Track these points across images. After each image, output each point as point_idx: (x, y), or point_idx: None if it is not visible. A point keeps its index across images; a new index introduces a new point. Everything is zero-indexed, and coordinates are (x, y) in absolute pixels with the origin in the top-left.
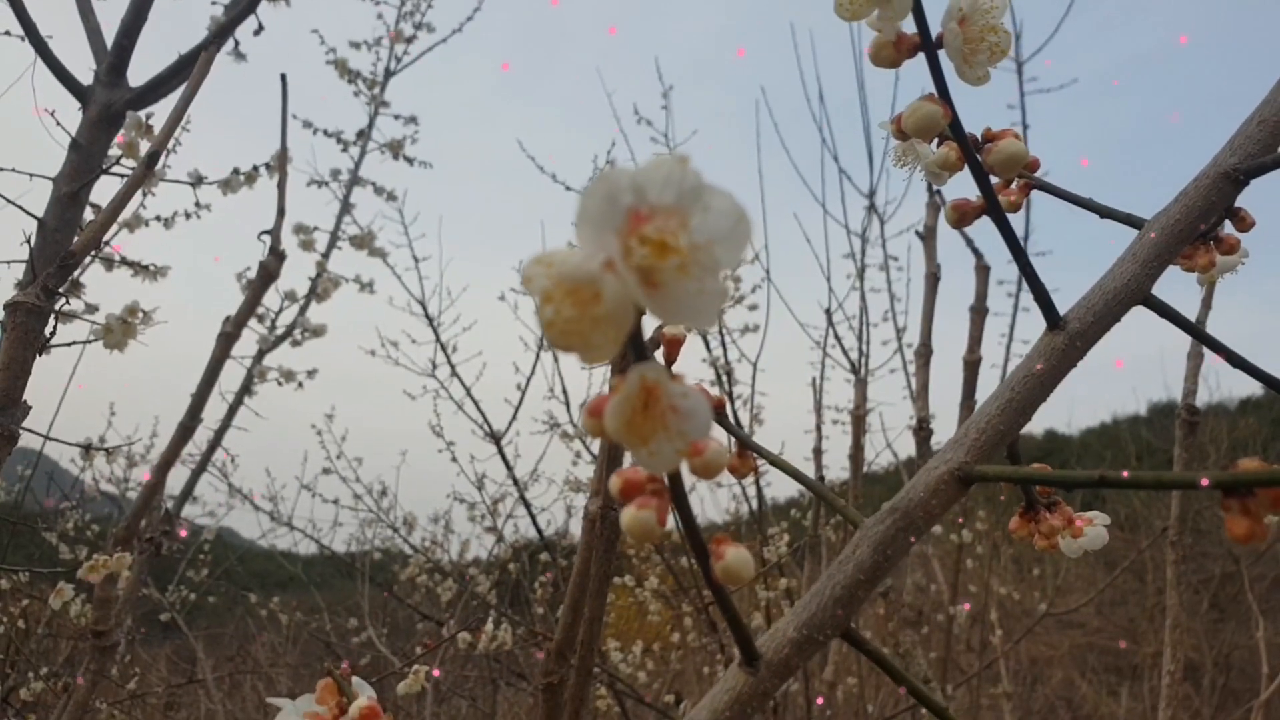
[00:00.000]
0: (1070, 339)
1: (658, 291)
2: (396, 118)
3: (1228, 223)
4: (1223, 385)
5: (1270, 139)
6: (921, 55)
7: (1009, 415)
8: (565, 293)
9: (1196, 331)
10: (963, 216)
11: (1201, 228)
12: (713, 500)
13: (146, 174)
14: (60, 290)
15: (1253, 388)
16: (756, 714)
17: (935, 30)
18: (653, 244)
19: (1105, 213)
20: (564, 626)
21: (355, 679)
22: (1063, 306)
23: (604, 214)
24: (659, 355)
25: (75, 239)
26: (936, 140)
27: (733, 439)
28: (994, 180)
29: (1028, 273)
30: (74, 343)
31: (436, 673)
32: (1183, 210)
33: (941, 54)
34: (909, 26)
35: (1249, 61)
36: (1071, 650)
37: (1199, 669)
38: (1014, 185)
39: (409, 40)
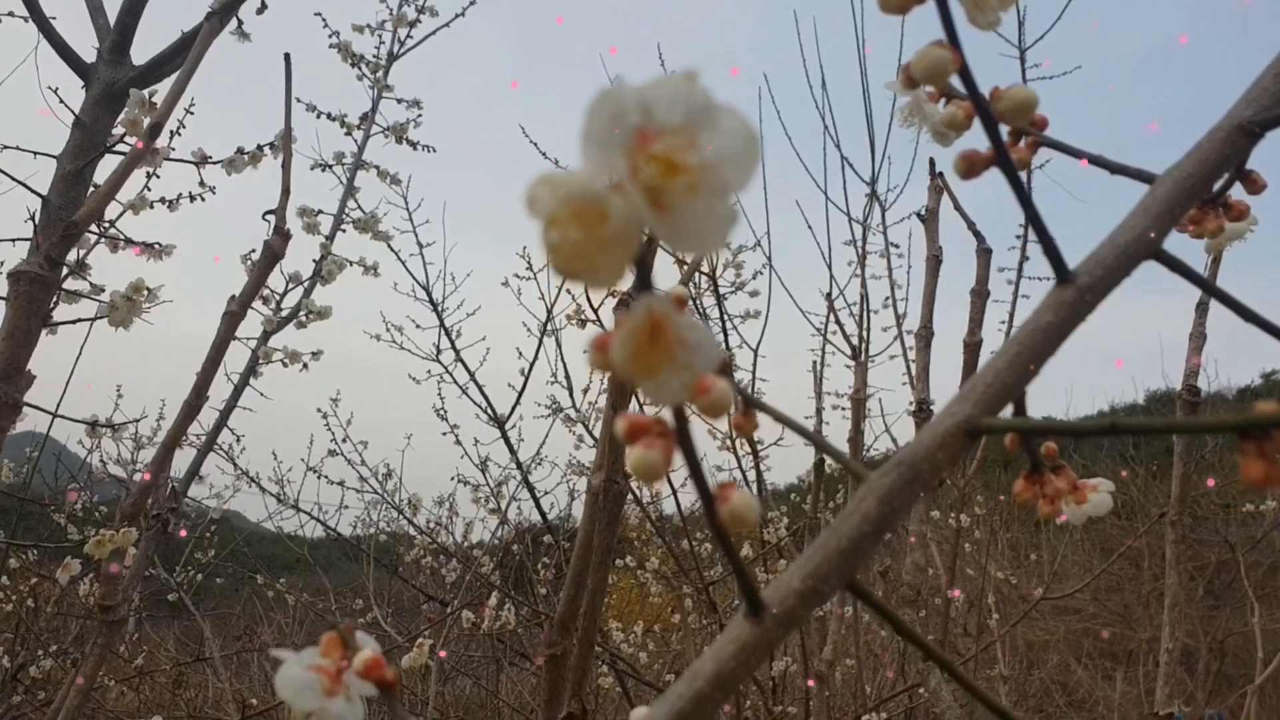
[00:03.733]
0: (1079, 292)
1: (666, 213)
2: (400, 101)
3: (1238, 187)
4: (1221, 375)
5: None
6: (930, 3)
7: (1016, 369)
8: (571, 214)
9: (1206, 285)
10: (971, 166)
11: (1214, 187)
12: (714, 482)
13: (149, 146)
14: (63, 261)
15: (1251, 375)
16: (760, 665)
17: None
18: (661, 162)
19: (1115, 169)
20: (567, 599)
21: (359, 634)
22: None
23: (609, 132)
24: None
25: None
26: (943, 100)
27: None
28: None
29: (1037, 225)
30: (79, 320)
31: (443, 654)
32: (1195, 164)
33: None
34: None
35: (1259, 50)
36: (1067, 635)
37: (1194, 655)
38: (1022, 143)
39: (412, 24)
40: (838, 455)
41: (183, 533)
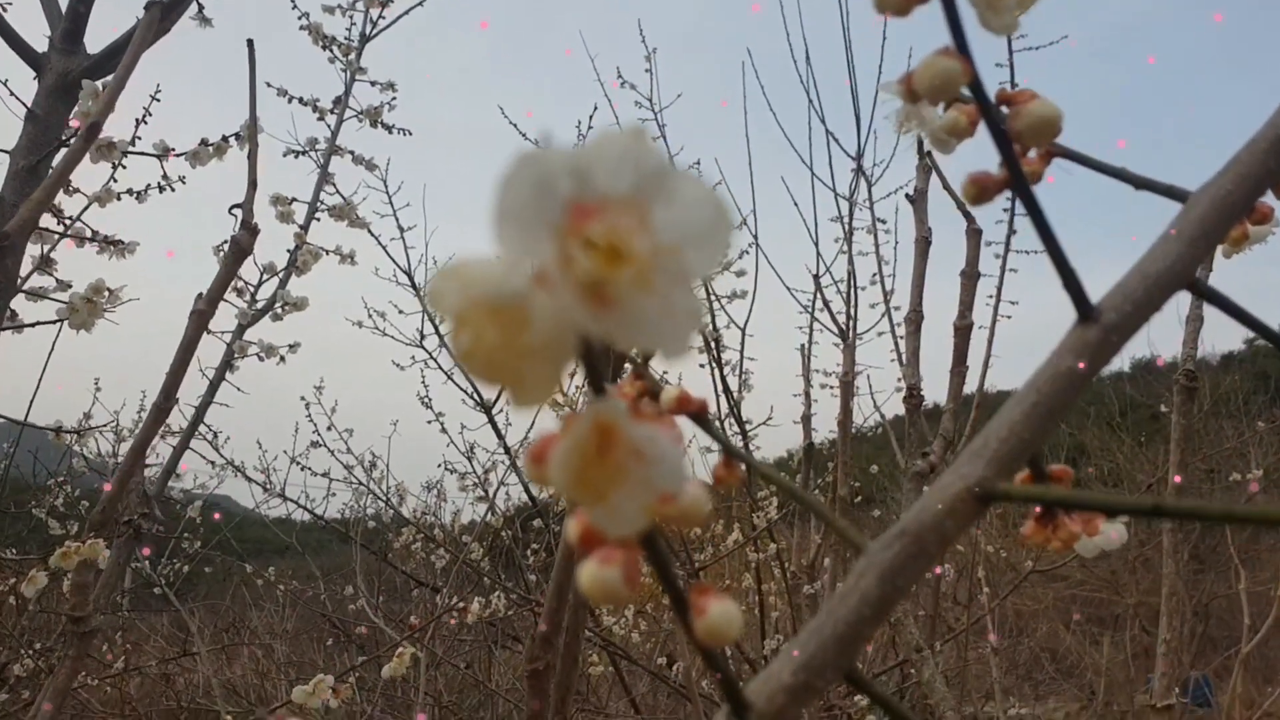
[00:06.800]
0: (1105, 332)
1: (609, 309)
2: (374, 84)
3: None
4: (1206, 340)
5: None
6: (935, 2)
7: (1035, 421)
8: (486, 314)
9: (1249, 319)
10: (983, 191)
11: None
12: (702, 463)
13: (86, 146)
14: None
15: (1235, 343)
16: None
17: None
18: (602, 251)
19: (1141, 184)
20: (549, 611)
21: None
22: (1040, 272)
23: (534, 209)
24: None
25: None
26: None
27: (719, 446)
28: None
29: (1057, 257)
30: (39, 323)
31: (430, 656)
32: (1235, 181)
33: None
34: None
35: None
36: (1056, 602)
37: (1179, 618)
38: (1033, 153)
39: (384, 4)
40: (831, 520)
41: (146, 552)
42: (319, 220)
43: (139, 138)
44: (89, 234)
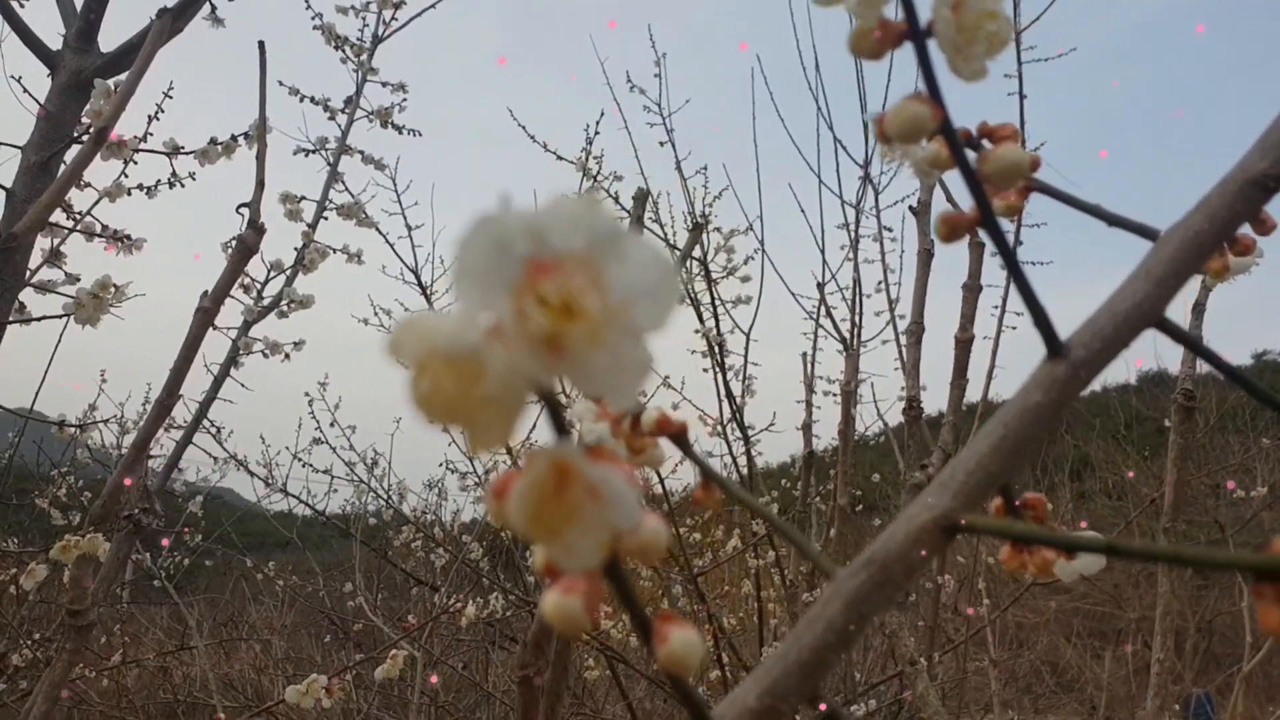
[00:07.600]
0: (1073, 368)
1: (562, 359)
2: (384, 85)
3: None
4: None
5: None
6: (909, 44)
7: (1002, 455)
8: (443, 364)
9: (1211, 357)
10: (953, 230)
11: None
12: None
13: (95, 150)
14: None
15: (1242, 358)
16: None
17: (925, 17)
18: (555, 309)
19: (1114, 221)
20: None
21: None
22: (1045, 284)
23: (492, 267)
24: None
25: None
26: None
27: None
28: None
29: (1026, 295)
30: (46, 317)
31: (434, 678)
32: (1204, 220)
33: (932, 44)
34: (894, 11)
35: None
36: (1057, 615)
37: (1181, 634)
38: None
39: (397, 5)
40: (806, 549)
41: (165, 541)
42: (327, 219)
43: (150, 133)
44: (98, 229)
